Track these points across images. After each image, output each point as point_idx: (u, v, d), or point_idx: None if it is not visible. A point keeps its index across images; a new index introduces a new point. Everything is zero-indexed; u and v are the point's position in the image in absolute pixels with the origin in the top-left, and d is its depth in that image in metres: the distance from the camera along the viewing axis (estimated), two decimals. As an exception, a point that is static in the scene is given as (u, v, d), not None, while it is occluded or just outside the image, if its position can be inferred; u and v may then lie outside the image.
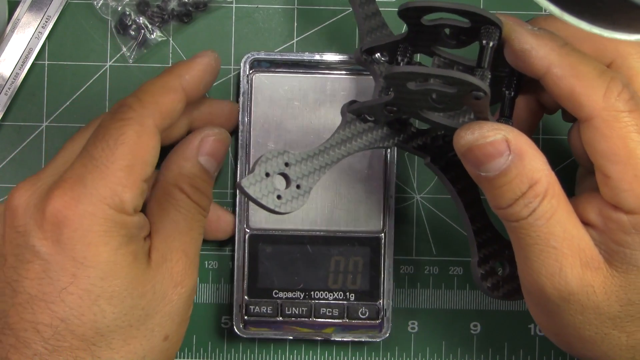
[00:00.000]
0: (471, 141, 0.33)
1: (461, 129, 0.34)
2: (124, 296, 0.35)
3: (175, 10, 0.45)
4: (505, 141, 0.33)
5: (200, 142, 0.39)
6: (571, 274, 0.33)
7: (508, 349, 0.46)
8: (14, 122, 0.45)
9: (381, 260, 0.44)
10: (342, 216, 0.44)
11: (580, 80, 0.33)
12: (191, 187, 0.38)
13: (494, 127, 0.33)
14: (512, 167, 0.33)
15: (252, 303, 0.44)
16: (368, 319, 0.44)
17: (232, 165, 0.45)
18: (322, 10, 0.46)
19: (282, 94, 0.44)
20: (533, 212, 0.33)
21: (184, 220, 0.38)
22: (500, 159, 0.33)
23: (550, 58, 0.33)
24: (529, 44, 0.34)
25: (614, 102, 0.32)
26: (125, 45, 0.45)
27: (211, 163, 0.39)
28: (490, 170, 0.33)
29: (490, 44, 0.34)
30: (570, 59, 0.33)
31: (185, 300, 0.38)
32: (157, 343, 0.36)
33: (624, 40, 0.29)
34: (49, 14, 0.45)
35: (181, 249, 0.38)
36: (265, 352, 0.46)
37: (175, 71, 0.39)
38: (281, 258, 0.44)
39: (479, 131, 0.33)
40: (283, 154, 0.34)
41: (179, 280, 0.37)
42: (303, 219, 0.44)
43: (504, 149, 0.33)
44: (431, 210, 0.46)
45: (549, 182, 0.33)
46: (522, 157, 0.33)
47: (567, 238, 0.33)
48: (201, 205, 0.39)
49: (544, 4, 0.33)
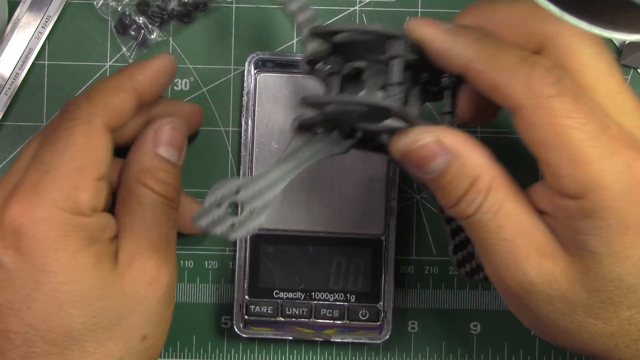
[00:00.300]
0: (403, 147, 0.33)
1: (394, 136, 0.34)
2: (90, 299, 0.35)
3: (175, 10, 0.45)
4: (437, 142, 0.32)
5: (155, 134, 0.39)
6: (528, 264, 0.32)
7: (508, 349, 0.46)
8: (14, 122, 0.45)
9: (382, 263, 0.44)
10: (344, 218, 0.44)
11: (500, 72, 0.31)
12: (153, 180, 0.38)
13: (424, 130, 0.33)
14: (450, 167, 0.32)
15: (252, 303, 0.44)
16: (368, 320, 0.44)
17: (233, 165, 0.45)
18: (322, 10, 0.46)
19: (286, 94, 0.44)
20: (479, 208, 0.32)
21: (151, 216, 0.37)
22: (437, 160, 0.32)
23: (467, 54, 0.32)
24: (444, 43, 0.33)
25: (538, 89, 0.31)
26: (125, 45, 0.45)
27: (171, 152, 0.39)
28: (430, 172, 0.33)
29: (394, 58, 0.34)
30: (488, 51, 0.32)
31: (160, 298, 0.37)
32: (134, 343, 0.36)
33: (623, 39, 0.29)
34: (49, 14, 0.45)
35: (150, 246, 0.37)
36: (265, 352, 0.46)
37: (128, 71, 0.38)
38: (282, 258, 0.44)
39: (409, 137, 0.33)
40: (231, 181, 0.36)
41: (150, 278, 0.36)
42: (305, 220, 0.44)
43: (438, 150, 0.32)
44: (431, 210, 0.46)
45: (491, 176, 0.32)
46: (459, 155, 0.32)
47: (519, 229, 0.32)
48: (167, 197, 0.38)
49: (544, 4, 0.33)
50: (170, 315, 0.39)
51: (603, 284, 0.31)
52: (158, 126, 0.39)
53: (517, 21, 0.33)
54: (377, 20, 0.45)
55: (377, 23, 0.35)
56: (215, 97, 0.46)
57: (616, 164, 0.30)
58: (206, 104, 0.46)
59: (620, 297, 0.32)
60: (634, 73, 0.46)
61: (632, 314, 0.32)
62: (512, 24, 0.33)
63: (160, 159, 0.38)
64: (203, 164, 0.45)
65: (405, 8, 0.46)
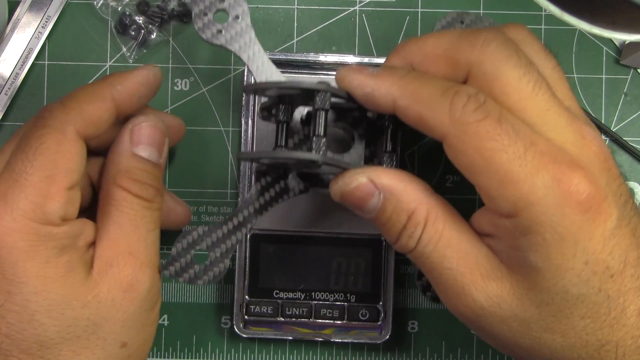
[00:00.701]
0: (339, 190, 0.35)
1: (331, 181, 0.35)
2: (62, 308, 0.34)
3: (175, 10, 0.45)
4: (370, 182, 0.34)
5: (132, 133, 0.37)
6: (475, 290, 0.33)
7: (508, 349, 0.46)
8: (14, 122, 0.45)
9: (382, 263, 0.44)
10: (345, 218, 0.44)
11: (424, 105, 0.33)
12: (130, 181, 0.37)
13: (357, 172, 0.34)
14: (386, 205, 0.34)
15: (252, 303, 0.44)
16: (368, 320, 0.44)
17: (233, 165, 0.45)
18: (322, 10, 0.46)
19: (285, 94, 0.44)
20: (419, 241, 0.33)
21: (128, 220, 0.36)
22: (372, 199, 0.34)
23: (392, 92, 0.33)
24: (368, 86, 0.34)
25: (460, 116, 0.32)
26: (125, 45, 0.45)
27: (149, 151, 0.38)
28: (369, 211, 0.34)
29: (318, 110, 0.37)
30: (411, 87, 0.33)
31: (139, 304, 0.36)
32: (113, 351, 0.36)
33: (623, 39, 0.29)
34: (49, 14, 0.45)
35: (127, 252, 0.36)
36: (265, 352, 0.46)
37: (108, 80, 0.38)
38: (283, 258, 0.44)
39: (343, 179, 0.34)
40: (192, 232, 0.40)
41: (127, 285, 0.36)
42: (305, 220, 0.44)
43: (371, 190, 0.34)
44: (431, 210, 0.46)
45: (427, 209, 0.33)
46: (392, 192, 0.34)
47: (462, 257, 0.33)
48: (146, 198, 0.37)
49: (544, 4, 0.33)
50: (154, 320, 0.38)
51: (550, 297, 0.32)
52: (133, 125, 0.38)
53: (442, 52, 0.34)
54: (377, 21, 0.45)
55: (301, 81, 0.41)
56: (215, 97, 0.46)
57: (544, 180, 0.31)
58: (206, 104, 0.46)
59: (569, 308, 0.32)
60: (634, 73, 0.46)
61: (586, 324, 0.32)
62: (438, 56, 0.34)
63: (137, 159, 0.37)
64: (203, 164, 0.45)
65: (405, 8, 0.46)
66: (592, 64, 0.46)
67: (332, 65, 0.44)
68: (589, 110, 0.46)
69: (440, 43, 0.35)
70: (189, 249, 0.41)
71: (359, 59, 0.44)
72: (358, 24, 0.46)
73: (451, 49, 0.34)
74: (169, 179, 0.46)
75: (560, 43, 0.46)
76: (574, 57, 0.46)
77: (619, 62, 0.46)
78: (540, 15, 0.46)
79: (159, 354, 0.46)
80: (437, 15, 0.45)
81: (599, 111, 0.46)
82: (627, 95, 0.46)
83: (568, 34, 0.46)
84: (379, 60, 0.44)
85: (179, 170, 0.45)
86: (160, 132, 0.38)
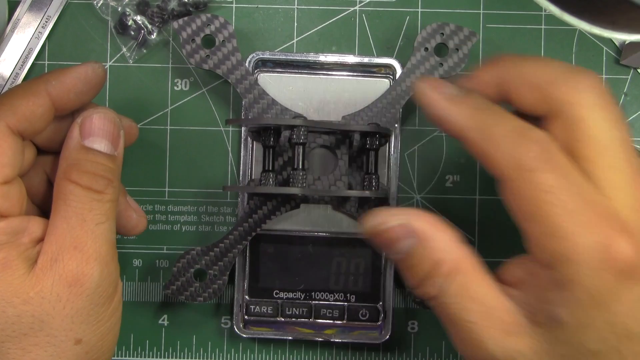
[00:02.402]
0: (371, 228, 0.34)
1: (365, 216, 0.35)
2: (2, 306, 0.34)
3: (175, 10, 0.45)
4: (404, 226, 0.34)
5: (81, 126, 0.37)
6: (493, 344, 0.33)
7: (508, 349, 0.46)
8: (14, 122, 0.45)
9: (382, 263, 0.44)
10: (344, 218, 0.44)
11: (491, 143, 0.33)
12: (78, 173, 0.36)
13: (394, 213, 0.34)
14: (415, 250, 0.34)
15: (252, 303, 0.44)
16: (368, 320, 0.44)
17: (233, 165, 0.45)
18: (322, 10, 0.46)
19: (286, 94, 0.44)
20: (443, 291, 0.33)
21: (75, 214, 0.35)
22: (403, 242, 0.34)
23: (462, 122, 0.33)
24: (442, 110, 0.34)
25: (524, 162, 0.32)
26: (125, 45, 0.45)
27: (100, 142, 0.37)
28: (397, 253, 0.34)
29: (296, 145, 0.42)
30: (483, 121, 0.33)
31: (88, 299, 0.35)
32: (67, 348, 0.35)
33: (623, 39, 0.29)
34: (49, 14, 0.45)
35: (72, 246, 0.35)
36: (265, 352, 0.46)
37: (44, 76, 0.37)
38: (282, 258, 0.44)
39: (377, 218, 0.34)
40: (191, 251, 0.43)
41: (72, 279, 0.35)
42: (305, 220, 0.44)
43: (404, 233, 0.34)
44: (431, 210, 0.46)
45: (456, 261, 0.33)
46: (424, 239, 0.33)
47: (484, 311, 0.33)
48: (95, 189, 0.36)
49: (544, 4, 0.33)
50: (112, 314, 0.37)
51: (567, 350, 0.32)
52: (83, 118, 0.37)
53: (539, 83, 0.34)
54: (377, 21, 0.45)
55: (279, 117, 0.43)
56: (215, 97, 0.46)
57: (591, 241, 0.31)
58: (206, 104, 0.46)
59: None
60: (634, 73, 0.46)
61: None
62: (533, 85, 0.34)
63: (86, 151, 0.36)
64: (203, 164, 0.45)
65: (405, 8, 0.46)
66: (592, 64, 0.46)
67: (331, 65, 0.44)
68: (589, 110, 0.46)
69: (541, 73, 0.34)
70: (188, 268, 0.43)
71: (359, 59, 0.44)
72: (358, 24, 0.46)
73: (550, 83, 0.34)
74: (169, 179, 0.46)
75: (560, 43, 0.46)
76: (574, 57, 0.46)
77: (619, 62, 0.46)
78: (540, 15, 0.46)
79: (159, 354, 0.46)
80: (437, 15, 0.45)
81: (599, 111, 0.46)
82: (627, 95, 0.46)
83: (568, 34, 0.46)
84: (379, 60, 0.44)
85: (179, 170, 0.45)
86: (112, 123, 0.37)
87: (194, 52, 0.43)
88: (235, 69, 0.43)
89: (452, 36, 0.43)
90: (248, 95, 0.43)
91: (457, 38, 0.43)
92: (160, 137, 0.45)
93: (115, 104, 0.45)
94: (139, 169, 0.45)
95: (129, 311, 0.45)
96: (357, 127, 0.42)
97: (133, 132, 0.42)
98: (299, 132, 0.41)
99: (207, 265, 0.43)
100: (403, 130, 0.45)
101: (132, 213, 0.41)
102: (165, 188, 0.46)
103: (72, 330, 0.35)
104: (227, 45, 0.43)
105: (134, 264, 0.46)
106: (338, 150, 0.44)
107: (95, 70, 0.38)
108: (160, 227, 0.46)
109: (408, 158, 0.46)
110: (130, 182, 0.45)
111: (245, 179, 0.44)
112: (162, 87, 0.46)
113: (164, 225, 0.46)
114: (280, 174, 0.43)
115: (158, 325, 0.46)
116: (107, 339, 0.37)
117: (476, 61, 0.45)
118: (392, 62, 0.44)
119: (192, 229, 0.46)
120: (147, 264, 0.46)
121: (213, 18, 0.43)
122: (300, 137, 0.41)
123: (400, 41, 0.46)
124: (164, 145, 0.45)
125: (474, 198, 0.45)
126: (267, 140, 0.42)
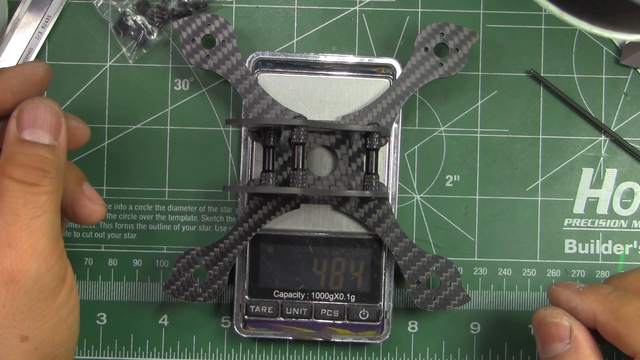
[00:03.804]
0: (541, 316, 0.39)
1: (543, 307, 0.40)
2: None
3: (175, 10, 0.45)
4: (568, 329, 0.38)
5: (18, 119, 0.36)
6: None
7: (508, 349, 0.46)
8: (14, 122, 0.45)
9: (382, 263, 0.44)
10: (344, 218, 0.44)
11: (622, 323, 0.36)
12: (12, 167, 0.34)
13: (565, 314, 0.39)
14: (566, 356, 0.38)
15: (252, 303, 0.44)
16: (368, 320, 0.44)
17: (233, 165, 0.45)
18: (322, 10, 0.46)
19: (286, 94, 0.44)
20: None
21: (9, 210, 0.34)
22: (560, 343, 0.38)
23: (593, 308, 0.38)
24: (574, 302, 0.39)
25: None
26: (125, 45, 0.45)
27: (38, 133, 0.36)
28: (549, 352, 0.38)
29: (296, 145, 0.42)
30: (612, 305, 0.37)
31: (27, 295, 0.34)
32: (13, 345, 0.34)
33: (623, 39, 0.29)
34: (49, 14, 0.45)
35: (6, 243, 0.34)
36: (265, 352, 0.46)
37: None
38: (282, 258, 0.44)
39: (550, 311, 0.39)
40: (191, 252, 0.43)
41: (7, 277, 0.34)
42: (305, 220, 0.44)
43: (565, 335, 0.38)
44: (431, 210, 0.46)
45: None
46: (579, 349, 0.38)
47: None
48: (29, 182, 0.34)
49: (544, 4, 0.33)
50: (59, 308, 0.36)
51: None
52: (18, 111, 0.36)
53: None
54: (377, 21, 0.45)
55: (279, 117, 0.43)
56: (215, 97, 0.46)
57: None
58: (206, 104, 0.46)
59: None
60: (634, 73, 0.46)
61: None
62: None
63: (22, 143, 0.35)
64: (203, 164, 0.45)
65: (405, 8, 0.46)
66: (592, 64, 0.46)
67: (331, 65, 0.44)
68: (589, 110, 0.46)
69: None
70: (188, 268, 0.43)
71: (358, 59, 0.44)
72: (358, 24, 0.46)
73: None
74: (169, 179, 0.46)
75: (560, 43, 0.46)
76: (574, 57, 0.46)
77: (619, 62, 0.46)
78: (540, 15, 0.46)
79: (159, 354, 0.46)
80: (437, 15, 0.45)
81: (599, 111, 0.46)
82: (627, 95, 0.46)
83: (568, 34, 0.46)
84: (379, 60, 0.44)
85: (179, 170, 0.45)
86: (50, 112, 0.36)
87: (194, 52, 0.43)
88: (235, 69, 0.43)
89: (452, 36, 0.43)
90: (248, 96, 0.43)
91: (457, 38, 0.43)
92: (160, 137, 0.45)
93: (115, 104, 0.45)
94: (139, 169, 0.45)
95: (129, 311, 0.45)
96: (357, 127, 0.42)
97: (81, 133, 0.39)
98: (299, 132, 0.41)
99: (207, 265, 0.43)
100: (403, 130, 0.45)
101: (86, 202, 0.39)
102: (165, 188, 0.46)
103: (16, 327, 0.34)
104: (227, 45, 0.43)
105: (134, 264, 0.46)
106: (338, 150, 0.44)
107: (35, 69, 0.37)
108: (160, 227, 0.46)
109: (408, 158, 0.46)
110: (130, 182, 0.45)
111: (245, 179, 0.44)
112: (162, 87, 0.46)
113: (164, 225, 0.46)
114: (280, 174, 0.43)
115: (158, 325, 0.46)
116: (58, 332, 0.36)
117: (476, 61, 0.46)
118: (392, 62, 0.44)
119: (192, 229, 0.46)
120: (147, 264, 0.46)
121: (213, 18, 0.43)
122: (300, 137, 0.41)
123: (400, 41, 0.46)
124: (164, 145, 0.45)
125: (474, 198, 0.45)
126: (267, 140, 0.42)
